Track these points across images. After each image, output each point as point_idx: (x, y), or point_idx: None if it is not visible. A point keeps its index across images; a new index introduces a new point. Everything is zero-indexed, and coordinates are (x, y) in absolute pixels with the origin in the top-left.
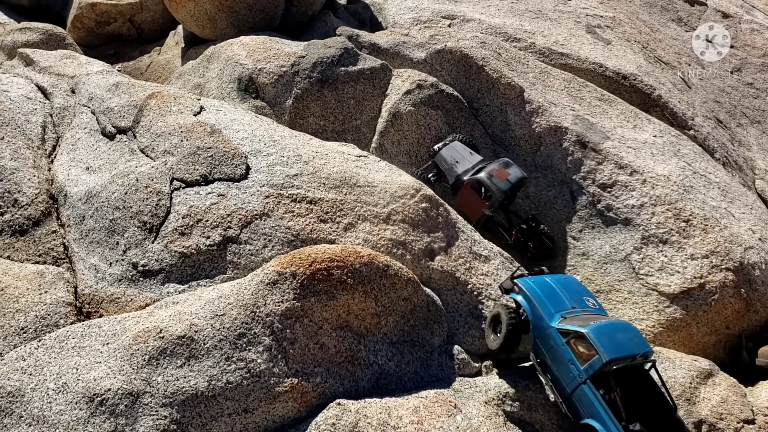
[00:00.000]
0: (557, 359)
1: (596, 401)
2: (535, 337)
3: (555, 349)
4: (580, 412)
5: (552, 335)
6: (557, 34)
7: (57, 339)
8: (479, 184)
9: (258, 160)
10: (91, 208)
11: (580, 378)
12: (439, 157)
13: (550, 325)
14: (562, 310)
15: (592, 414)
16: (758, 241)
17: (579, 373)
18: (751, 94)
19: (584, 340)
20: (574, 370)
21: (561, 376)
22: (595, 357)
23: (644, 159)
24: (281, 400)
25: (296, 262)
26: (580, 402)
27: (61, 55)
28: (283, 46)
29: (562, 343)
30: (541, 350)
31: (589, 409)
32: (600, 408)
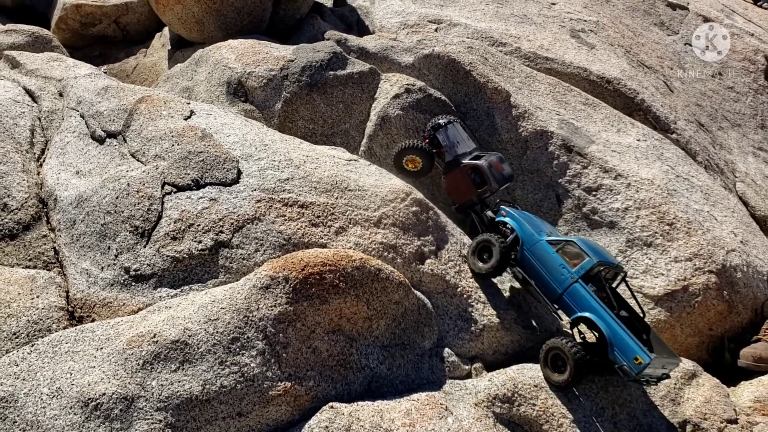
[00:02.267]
0: (548, 267)
1: (588, 296)
2: (524, 251)
3: (545, 258)
4: (573, 308)
5: (542, 246)
6: (542, 38)
7: (50, 344)
8: (476, 171)
9: (249, 164)
10: (81, 213)
11: (572, 278)
12: (443, 133)
13: (540, 239)
14: (542, 231)
15: (585, 307)
16: (740, 244)
17: (571, 274)
18: (732, 98)
19: (573, 247)
20: (566, 272)
21: (552, 281)
22: (586, 259)
23: (628, 163)
24: (275, 403)
25: (289, 266)
26: (573, 299)
27: (47, 57)
28: (271, 49)
29: (552, 252)
30: (530, 262)
31: (581, 303)
32: (592, 301)
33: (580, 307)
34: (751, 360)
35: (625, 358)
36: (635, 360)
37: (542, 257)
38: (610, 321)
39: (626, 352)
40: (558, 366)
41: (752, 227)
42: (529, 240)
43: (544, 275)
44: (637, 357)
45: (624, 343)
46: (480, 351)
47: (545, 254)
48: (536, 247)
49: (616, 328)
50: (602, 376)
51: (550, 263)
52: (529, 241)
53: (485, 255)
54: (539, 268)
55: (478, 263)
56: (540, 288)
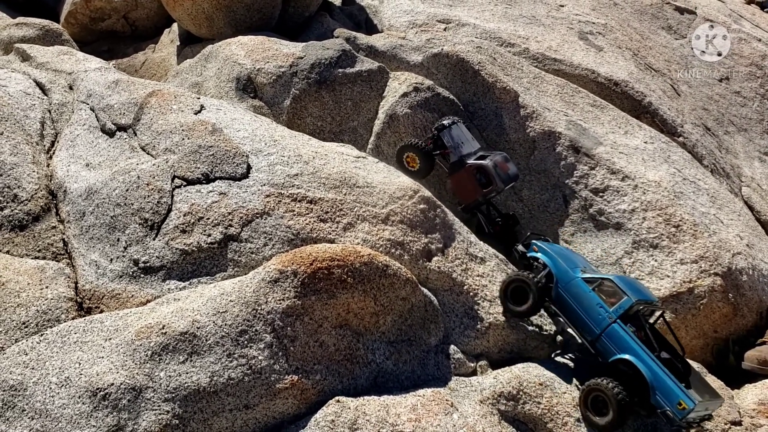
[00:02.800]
0: (584, 306)
1: (627, 336)
2: (559, 289)
3: (581, 296)
4: (611, 350)
5: (578, 284)
6: (550, 39)
7: (59, 334)
8: (482, 171)
9: (259, 159)
10: (91, 205)
11: (610, 318)
12: (446, 134)
13: (575, 276)
14: (577, 267)
15: (624, 349)
16: (746, 247)
17: (608, 314)
18: (738, 103)
19: (610, 285)
20: (603, 312)
21: (589, 320)
22: (624, 298)
23: (636, 165)
24: (281, 396)
25: (297, 260)
26: (611, 340)
27: (58, 51)
28: (281, 46)
29: (589, 290)
30: (566, 300)
31: (620, 344)
32: (632, 342)
33: (620, 348)
34: (755, 363)
35: (668, 402)
36: (679, 405)
37: (578, 296)
38: (651, 364)
39: (669, 396)
40: (599, 408)
41: (758, 231)
42: (564, 277)
43: (581, 315)
44: (681, 402)
45: (667, 388)
46: (485, 349)
47: (581, 293)
48: (571, 285)
49: (658, 372)
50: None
51: (587, 302)
52: (564, 278)
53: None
54: (575, 307)
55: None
56: (576, 328)
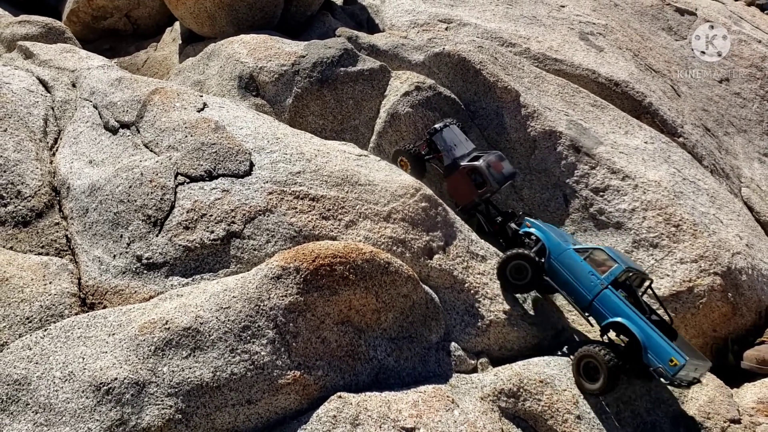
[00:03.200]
0: (576, 274)
1: (619, 301)
2: (551, 261)
3: (574, 266)
4: (604, 314)
5: (570, 254)
6: (551, 40)
7: (63, 329)
8: (476, 172)
9: (261, 156)
10: (94, 201)
11: (602, 285)
12: (439, 137)
13: (567, 247)
14: (567, 241)
15: (617, 312)
16: (745, 247)
17: (600, 281)
18: (738, 104)
19: (601, 254)
20: (595, 279)
21: (582, 288)
22: (615, 266)
23: (636, 164)
24: (284, 392)
25: (300, 257)
26: (604, 305)
27: (60, 48)
28: (283, 45)
29: (580, 260)
30: (559, 271)
31: (613, 308)
32: (623, 306)
33: (612, 312)
34: (754, 362)
35: (660, 360)
36: (671, 362)
37: (570, 265)
38: (642, 325)
39: (661, 354)
40: (591, 374)
41: (757, 231)
42: (556, 249)
43: (573, 283)
44: (672, 359)
45: (658, 346)
46: (486, 346)
47: (573, 262)
48: (564, 255)
49: (650, 332)
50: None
51: (579, 271)
52: (556, 250)
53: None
54: (568, 277)
55: (513, 281)
56: (569, 296)
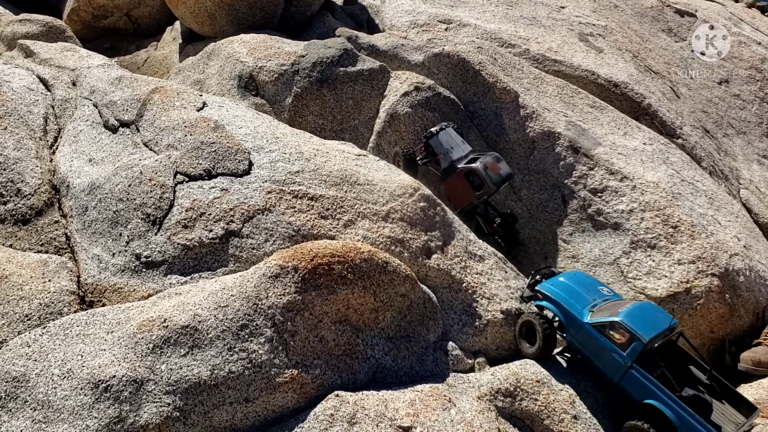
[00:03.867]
0: (598, 352)
1: (647, 381)
2: (571, 337)
3: (594, 343)
4: (634, 395)
5: (588, 330)
6: (551, 41)
7: (61, 326)
8: (473, 174)
9: (260, 156)
10: (94, 200)
11: (626, 363)
12: (435, 141)
13: (583, 322)
14: (587, 305)
15: (647, 394)
16: (743, 249)
17: (624, 360)
18: (738, 105)
19: (620, 328)
20: (618, 358)
21: (606, 367)
22: (636, 341)
23: (634, 166)
24: (281, 390)
25: (298, 256)
26: (632, 385)
27: (61, 47)
28: (283, 45)
29: (599, 336)
30: (580, 347)
31: (642, 389)
32: (652, 386)
33: (642, 392)
34: (750, 364)
35: None
36: None
37: (590, 343)
38: (674, 406)
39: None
40: None
41: (756, 233)
42: (573, 325)
43: (596, 362)
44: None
45: (694, 429)
46: (483, 346)
47: (593, 340)
48: (582, 332)
49: (682, 414)
50: None
51: (600, 349)
52: (573, 326)
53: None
54: (589, 354)
55: (524, 344)
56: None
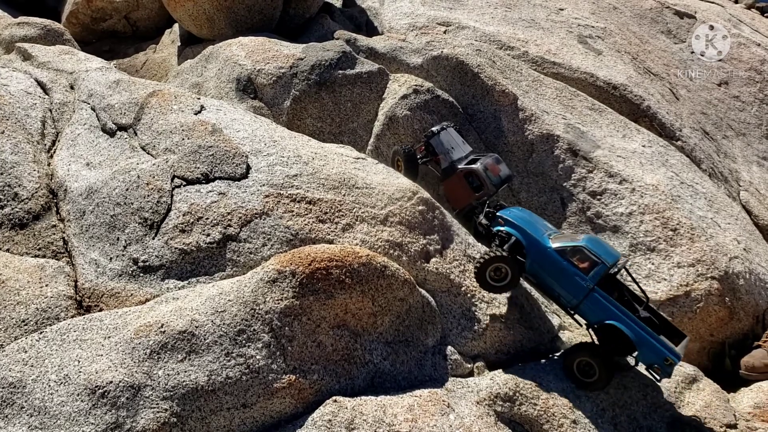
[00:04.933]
0: (560, 276)
1: (608, 302)
2: (532, 260)
3: (556, 267)
4: (593, 315)
5: (551, 255)
6: (550, 43)
7: (58, 332)
8: (473, 175)
9: (258, 159)
10: (91, 204)
11: (589, 286)
12: (436, 140)
13: (546, 246)
14: (543, 233)
15: (606, 315)
16: (743, 251)
17: (587, 282)
18: (737, 107)
19: (583, 253)
20: (580, 280)
21: (567, 290)
22: (599, 265)
23: (633, 168)
24: (279, 396)
25: (296, 260)
26: (593, 307)
27: (59, 50)
28: (281, 47)
29: (562, 260)
30: (540, 271)
31: (603, 311)
32: (613, 307)
33: (602, 314)
34: (744, 369)
35: (656, 360)
36: (666, 361)
37: (552, 266)
38: (633, 326)
39: (657, 353)
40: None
41: (755, 235)
42: (536, 248)
43: (558, 284)
44: (667, 358)
45: (653, 346)
46: (482, 350)
47: (555, 262)
48: (545, 255)
49: (641, 333)
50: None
51: (563, 272)
52: (536, 249)
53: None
54: (551, 278)
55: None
56: (555, 296)
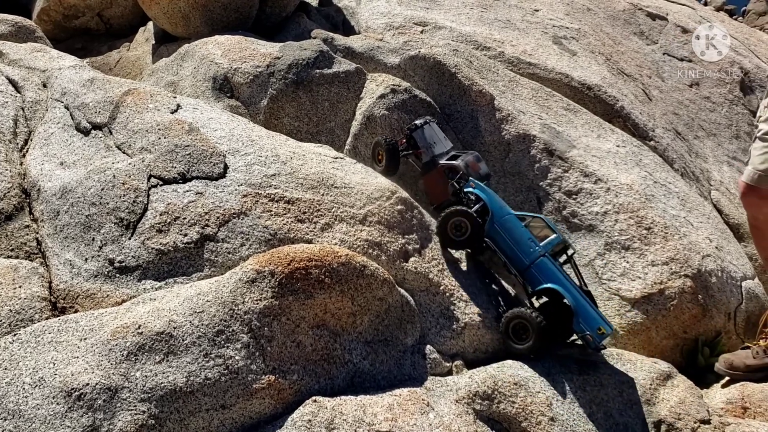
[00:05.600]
0: (517, 239)
1: (555, 268)
2: (494, 224)
3: (515, 230)
4: (539, 280)
5: (511, 220)
6: (525, 44)
7: (33, 333)
8: (453, 171)
9: (236, 159)
10: (66, 204)
11: (540, 252)
12: (419, 134)
13: (509, 212)
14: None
15: (552, 279)
16: (715, 250)
17: (539, 249)
18: (708, 108)
19: (540, 222)
20: (534, 245)
21: (520, 252)
22: (553, 236)
23: (608, 168)
24: (258, 396)
25: (275, 260)
26: (540, 271)
27: (31, 48)
28: (258, 46)
29: (521, 226)
30: (499, 234)
31: (548, 276)
32: (559, 273)
33: (547, 279)
34: (723, 365)
35: (589, 328)
36: (598, 330)
37: (511, 230)
38: (575, 293)
39: (590, 323)
40: (520, 335)
41: (726, 234)
42: (499, 212)
43: (513, 247)
44: (600, 328)
45: (588, 315)
46: (461, 349)
47: (515, 227)
48: (506, 219)
49: (581, 300)
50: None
51: (519, 236)
52: (499, 213)
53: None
54: (508, 241)
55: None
56: (507, 259)
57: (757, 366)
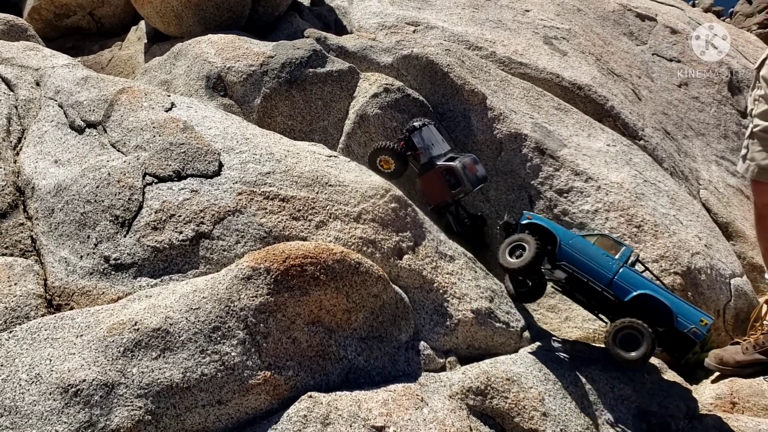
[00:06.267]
0: (592, 256)
1: (638, 276)
2: (563, 248)
3: (587, 249)
4: (626, 289)
5: (580, 241)
6: (516, 44)
7: (29, 330)
8: (451, 173)
9: (231, 157)
10: (60, 201)
11: (619, 264)
12: (418, 135)
13: (576, 235)
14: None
15: (638, 285)
16: (704, 247)
17: (616, 261)
18: (697, 108)
19: (608, 239)
20: (611, 260)
21: (600, 268)
22: (623, 248)
23: (599, 167)
24: (254, 392)
25: (270, 257)
26: (624, 280)
27: (23, 46)
28: (251, 45)
29: (591, 245)
30: (573, 255)
31: (633, 283)
32: (642, 279)
33: (635, 286)
34: (713, 360)
35: (692, 322)
36: (701, 322)
37: (583, 249)
38: (666, 294)
39: (691, 317)
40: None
41: (715, 232)
42: (565, 236)
43: (590, 264)
44: (702, 319)
45: (687, 310)
46: (455, 345)
47: (585, 246)
48: (575, 241)
49: (674, 299)
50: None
51: (594, 253)
52: (565, 237)
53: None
54: (583, 259)
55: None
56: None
57: (747, 362)
